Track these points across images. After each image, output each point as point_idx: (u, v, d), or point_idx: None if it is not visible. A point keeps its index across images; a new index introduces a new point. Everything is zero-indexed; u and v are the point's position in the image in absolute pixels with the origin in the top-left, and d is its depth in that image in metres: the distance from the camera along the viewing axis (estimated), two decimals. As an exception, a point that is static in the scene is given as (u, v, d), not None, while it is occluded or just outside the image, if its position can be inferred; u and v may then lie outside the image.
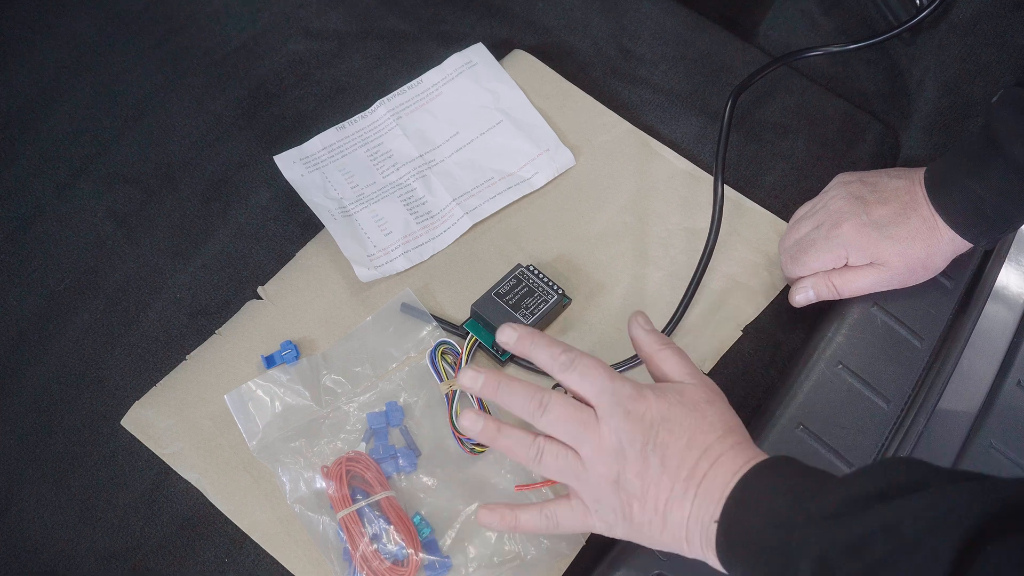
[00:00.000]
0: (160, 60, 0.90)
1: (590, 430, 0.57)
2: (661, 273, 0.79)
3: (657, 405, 0.57)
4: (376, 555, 0.65)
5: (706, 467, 0.56)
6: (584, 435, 0.57)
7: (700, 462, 0.56)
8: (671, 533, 0.57)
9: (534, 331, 0.61)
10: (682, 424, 0.57)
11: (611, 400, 0.57)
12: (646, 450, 0.56)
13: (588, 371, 0.58)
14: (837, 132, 0.87)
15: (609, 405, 0.57)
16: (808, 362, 0.72)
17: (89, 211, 0.81)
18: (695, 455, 0.56)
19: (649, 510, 0.57)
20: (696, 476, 0.56)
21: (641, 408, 0.57)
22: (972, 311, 0.73)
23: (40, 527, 0.68)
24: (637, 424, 0.57)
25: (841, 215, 0.71)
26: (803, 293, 0.73)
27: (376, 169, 0.83)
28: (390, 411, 0.71)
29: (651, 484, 0.56)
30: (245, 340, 0.74)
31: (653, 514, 0.57)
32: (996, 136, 0.64)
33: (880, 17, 0.89)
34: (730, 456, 0.56)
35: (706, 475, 0.56)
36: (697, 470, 0.56)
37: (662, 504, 0.56)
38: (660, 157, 0.84)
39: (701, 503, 0.55)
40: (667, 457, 0.56)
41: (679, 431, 0.57)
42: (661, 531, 0.57)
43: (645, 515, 0.57)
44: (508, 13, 0.93)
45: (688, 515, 0.56)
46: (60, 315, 0.76)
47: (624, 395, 0.57)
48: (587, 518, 0.59)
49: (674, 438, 0.57)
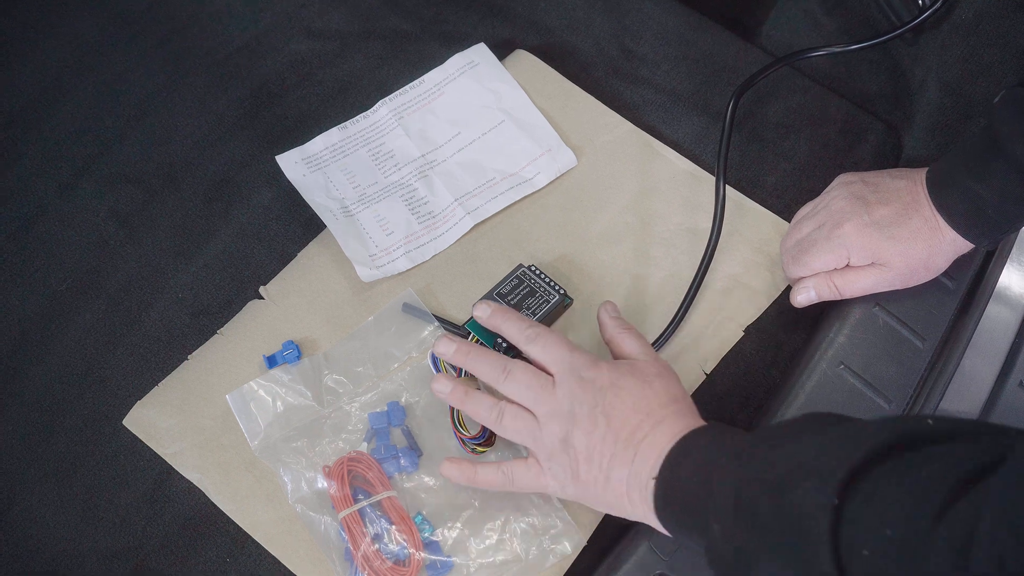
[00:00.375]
0: (162, 60, 0.90)
1: (546, 393, 0.63)
2: (663, 273, 0.78)
3: (609, 374, 0.63)
4: (378, 555, 0.65)
5: (648, 428, 0.60)
6: (540, 397, 0.63)
7: (642, 424, 0.60)
8: (613, 490, 0.60)
9: (506, 307, 0.68)
10: (630, 391, 0.62)
11: (567, 367, 0.63)
12: (595, 412, 0.61)
13: (549, 343, 0.65)
14: (839, 132, 0.87)
15: (565, 372, 0.63)
16: (810, 362, 0.72)
17: (91, 211, 0.81)
18: (639, 418, 0.61)
19: (595, 468, 0.61)
20: (637, 436, 0.60)
21: (593, 374, 0.62)
22: (974, 311, 0.73)
23: (42, 526, 0.69)
24: (588, 388, 0.62)
25: (843, 215, 0.70)
26: (804, 293, 0.73)
27: (378, 169, 0.83)
28: (392, 411, 0.71)
29: (597, 443, 0.61)
30: (247, 340, 0.74)
31: (598, 472, 0.61)
32: (998, 136, 0.64)
33: (882, 17, 0.89)
34: (671, 421, 0.60)
35: (647, 436, 0.60)
36: (639, 431, 0.60)
37: (606, 462, 0.60)
38: (662, 157, 0.84)
39: (641, 461, 0.59)
40: (612, 418, 0.61)
41: (626, 396, 0.61)
42: (604, 489, 0.61)
43: (591, 473, 0.61)
44: (510, 13, 0.93)
45: (628, 473, 0.60)
46: (62, 315, 0.77)
47: (579, 363, 0.63)
48: (540, 477, 0.63)
49: (620, 402, 0.61)
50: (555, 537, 0.67)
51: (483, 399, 0.65)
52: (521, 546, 0.67)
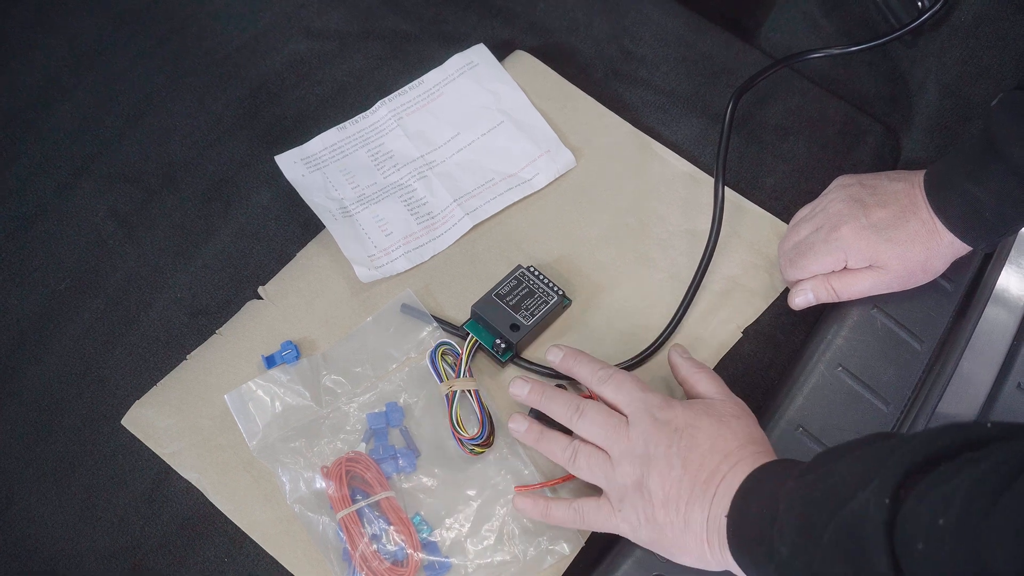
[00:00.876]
0: (161, 60, 0.90)
1: (620, 433, 0.62)
2: (661, 275, 0.79)
3: (684, 414, 0.61)
4: (376, 555, 0.65)
5: (726, 470, 0.58)
6: (614, 438, 0.62)
7: (720, 466, 0.59)
8: (693, 534, 0.59)
9: (578, 351, 0.68)
10: (706, 431, 0.60)
11: (641, 407, 0.62)
12: (670, 452, 0.60)
13: (622, 383, 0.64)
14: (838, 134, 0.87)
15: (639, 412, 0.62)
16: (808, 364, 0.72)
17: (90, 210, 0.81)
18: (716, 459, 0.59)
19: (671, 511, 0.59)
20: (715, 479, 0.58)
21: (668, 415, 0.61)
22: (972, 314, 0.73)
23: (40, 526, 0.69)
24: (663, 429, 0.61)
25: (840, 218, 0.71)
26: (802, 296, 0.73)
27: (377, 169, 0.83)
28: (390, 411, 0.71)
29: (673, 486, 0.59)
30: (245, 340, 0.74)
31: (675, 515, 0.59)
32: (996, 140, 0.64)
33: (882, 19, 0.89)
34: (749, 462, 0.58)
35: (724, 477, 0.58)
36: (716, 473, 0.58)
37: (683, 506, 0.59)
38: (661, 159, 0.84)
39: (719, 504, 0.58)
40: (689, 460, 0.59)
41: (702, 437, 0.60)
42: (683, 532, 0.59)
43: (667, 516, 0.59)
44: (510, 14, 0.93)
45: (707, 516, 0.58)
46: (61, 314, 0.77)
47: (653, 404, 0.62)
48: (612, 517, 0.62)
49: (697, 443, 0.60)
50: (553, 538, 0.67)
51: (558, 438, 0.65)
52: (519, 547, 0.67)
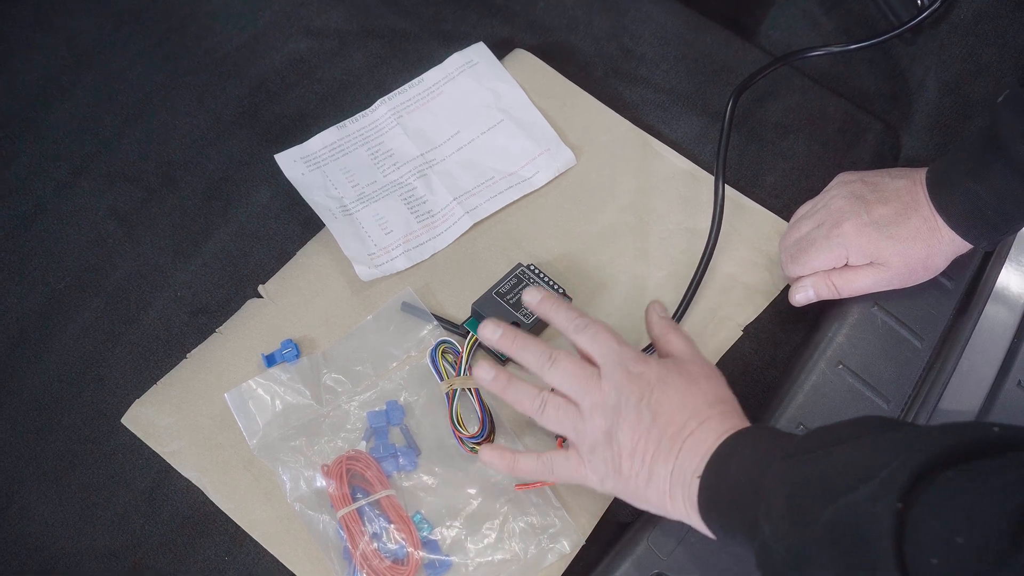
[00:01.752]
0: (161, 58, 0.90)
1: (592, 384, 0.62)
2: (662, 273, 0.79)
3: (657, 369, 0.62)
4: (376, 554, 0.65)
5: (693, 426, 0.59)
6: (586, 389, 0.62)
7: (688, 421, 0.60)
8: (655, 487, 0.60)
9: (557, 296, 0.68)
10: (677, 387, 0.61)
11: (615, 360, 0.62)
12: (640, 406, 0.60)
13: (598, 334, 0.64)
14: (838, 132, 0.87)
15: (612, 364, 0.62)
16: (808, 362, 0.72)
17: (90, 209, 0.81)
18: (685, 415, 0.60)
19: (637, 463, 0.60)
20: (683, 434, 0.59)
21: (641, 368, 0.62)
22: (972, 311, 0.73)
23: (40, 525, 0.68)
24: (635, 382, 0.61)
25: (842, 214, 0.70)
26: (803, 292, 0.73)
27: (377, 168, 0.83)
28: (390, 410, 0.71)
29: (641, 438, 0.60)
30: (246, 339, 0.74)
31: (640, 467, 0.60)
32: (999, 137, 0.64)
33: (881, 17, 0.89)
34: (717, 420, 0.59)
35: (692, 433, 0.59)
36: (685, 428, 0.59)
37: (649, 458, 0.60)
38: (661, 157, 0.84)
39: (684, 459, 0.59)
40: (659, 414, 0.60)
41: (673, 393, 0.61)
42: (646, 484, 0.60)
43: (633, 468, 0.60)
44: (509, 12, 0.93)
45: (672, 469, 0.59)
46: (61, 313, 0.76)
47: (627, 357, 0.62)
48: (580, 468, 0.63)
49: (667, 398, 0.60)
50: (554, 536, 0.67)
51: (526, 388, 0.65)
52: (520, 545, 0.67)
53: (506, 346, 0.66)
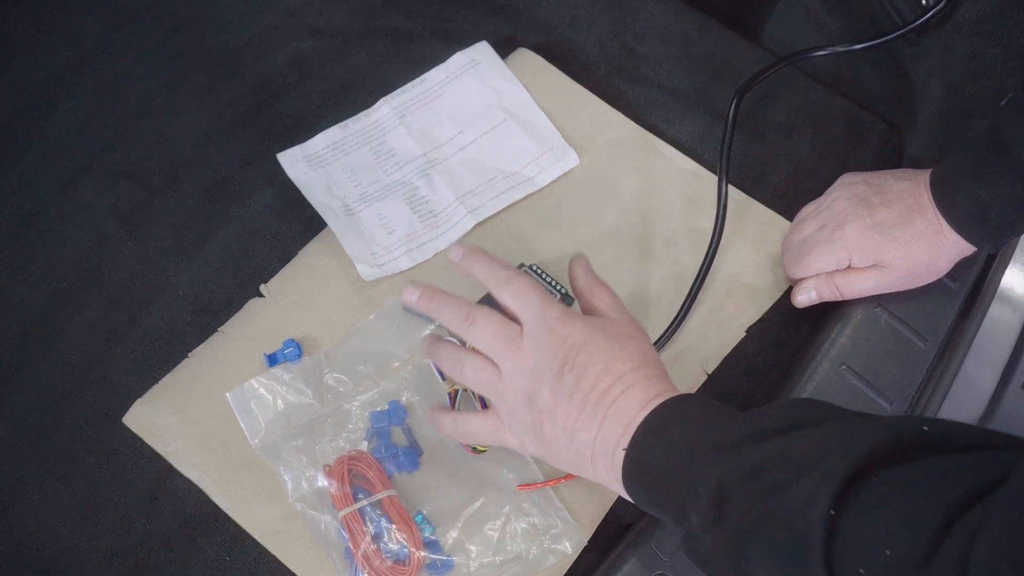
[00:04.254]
0: (163, 58, 0.90)
1: (513, 347, 0.60)
2: (665, 273, 0.78)
3: (581, 330, 0.60)
4: (378, 554, 0.65)
5: (617, 392, 0.58)
6: (506, 352, 0.60)
7: (612, 387, 0.58)
8: (576, 451, 0.59)
9: (476, 247, 0.65)
10: (602, 350, 0.59)
11: (538, 319, 0.60)
12: (563, 370, 0.58)
13: (521, 289, 0.61)
14: (842, 132, 0.87)
15: (535, 323, 0.60)
16: (812, 363, 0.71)
17: (92, 209, 0.81)
18: (609, 380, 0.58)
19: (558, 427, 0.59)
20: (606, 400, 0.58)
21: (565, 330, 0.60)
22: (976, 313, 0.73)
23: (42, 524, 0.68)
24: (559, 344, 0.59)
25: (845, 216, 0.70)
26: (806, 294, 0.73)
27: (379, 167, 0.83)
28: (392, 410, 0.71)
29: (562, 402, 0.58)
30: (248, 338, 0.74)
31: (561, 432, 0.59)
32: (1003, 141, 0.64)
33: (885, 17, 0.89)
34: (642, 386, 0.58)
35: (616, 400, 0.58)
36: (608, 395, 0.58)
37: (571, 423, 0.58)
38: (664, 157, 0.84)
39: (608, 427, 0.57)
40: (582, 379, 0.58)
41: (597, 356, 0.59)
42: (567, 448, 0.59)
43: (554, 432, 0.59)
44: (512, 11, 0.93)
45: (594, 437, 0.58)
46: (63, 313, 0.76)
47: (551, 316, 0.60)
48: (499, 431, 0.62)
49: (592, 362, 0.58)
50: (556, 537, 0.67)
51: (448, 347, 0.63)
52: (521, 546, 0.67)
53: (424, 306, 0.64)
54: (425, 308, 0.64)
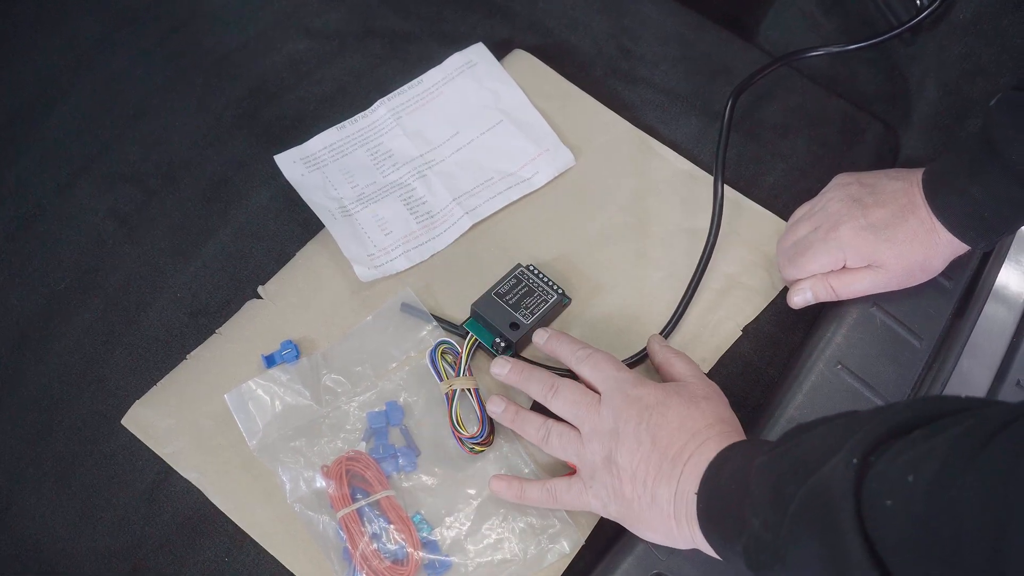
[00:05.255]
0: (161, 59, 0.90)
1: (591, 410, 0.63)
2: (661, 273, 0.79)
3: (655, 392, 0.63)
4: (376, 554, 0.65)
5: (693, 448, 0.60)
6: (585, 415, 0.64)
7: (688, 444, 0.60)
8: (659, 509, 0.60)
9: (561, 332, 0.70)
10: (676, 410, 0.62)
11: (613, 385, 0.64)
12: (639, 429, 0.61)
13: (599, 363, 0.66)
14: (837, 132, 0.87)
15: (611, 389, 0.64)
16: (807, 362, 0.72)
17: (90, 210, 0.81)
18: (684, 437, 0.60)
19: (639, 486, 0.60)
20: (683, 456, 0.60)
21: (640, 392, 0.63)
22: (971, 311, 0.73)
23: (40, 526, 0.69)
24: (633, 405, 0.62)
25: (839, 217, 0.71)
26: (801, 295, 0.73)
27: (376, 169, 0.83)
28: (390, 410, 0.71)
29: (641, 461, 0.60)
30: (245, 339, 0.75)
31: (642, 491, 0.60)
32: (994, 140, 0.64)
33: (880, 17, 0.89)
34: (716, 440, 0.60)
35: (692, 455, 0.59)
36: (684, 451, 0.60)
37: (651, 481, 0.60)
38: (660, 157, 0.84)
39: (686, 480, 0.59)
40: (658, 437, 0.61)
41: (672, 415, 0.61)
42: (649, 507, 0.60)
43: (635, 491, 0.61)
44: (509, 13, 0.93)
45: (675, 492, 0.59)
46: (61, 314, 0.77)
47: (626, 381, 0.64)
48: (583, 494, 0.64)
49: (666, 420, 0.61)
50: (553, 536, 0.67)
51: (533, 418, 0.67)
52: (519, 545, 0.67)
53: (514, 380, 0.68)
54: (515, 382, 0.68)
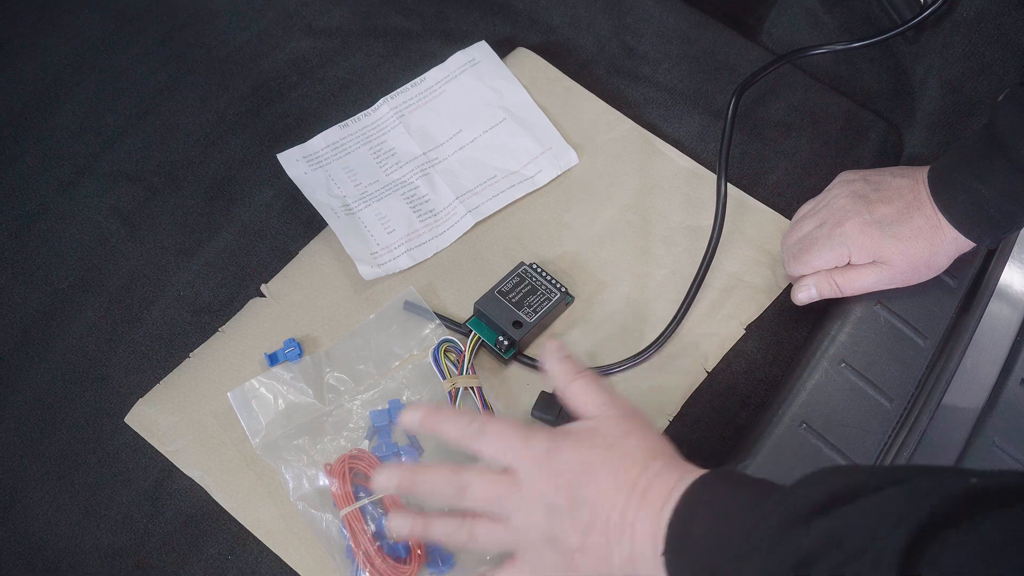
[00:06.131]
0: (163, 58, 0.90)
1: (514, 500, 0.56)
2: (664, 271, 0.78)
3: (575, 455, 0.56)
4: (379, 552, 0.65)
5: (636, 503, 0.54)
6: (509, 507, 0.56)
7: (630, 501, 0.54)
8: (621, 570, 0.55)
9: (437, 405, 0.60)
10: (604, 467, 0.55)
11: (528, 462, 0.56)
12: (574, 505, 0.55)
13: (500, 435, 0.58)
14: (840, 130, 0.87)
15: (527, 468, 0.56)
16: (811, 360, 0.71)
17: (93, 209, 0.81)
18: (623, 496, 0.55)
19: (592, 559, 0.55)
20: (628, 517, 0.54)
21: (559, 464, 0.56)
22: (975, 309, 0.73)
23: (44, 524, 0.69)
24: (558, 480, 0.55)
25: (844, 213, 0.70)
26: (805, 291, 0.73)
27: (379, 167, 0.83)
28: (393, 409, 0.71)
29: (587, 535, 0.55)
30: (248, 338, 0.75)
31: (597, 562, 0.55)
32: (1001, 136, 0.64)
33: (884, 15, 0.89)
34: (656, 486, 0.54)
35: (638, 514, 0.54)
36: (628, 511, 0.54)
37: (602, 551, 0.55)
38: (663, 155, 0.84)
39: (640, 540, 0.54)
40: (596, 506, 0.55)
41: (601, 475, 0.55)
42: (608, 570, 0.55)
43: (588, 563, 0.55)
44: (512, 11, 0.93)
45: (629, 554, 0.54)
46: (64, 313, 0.77)
47: (540, 453, 0.56)
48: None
49: (597, 485, 0.55)
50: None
51: (448, 524, 0.59)
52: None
53: (407, 489, 0.60)
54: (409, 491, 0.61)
